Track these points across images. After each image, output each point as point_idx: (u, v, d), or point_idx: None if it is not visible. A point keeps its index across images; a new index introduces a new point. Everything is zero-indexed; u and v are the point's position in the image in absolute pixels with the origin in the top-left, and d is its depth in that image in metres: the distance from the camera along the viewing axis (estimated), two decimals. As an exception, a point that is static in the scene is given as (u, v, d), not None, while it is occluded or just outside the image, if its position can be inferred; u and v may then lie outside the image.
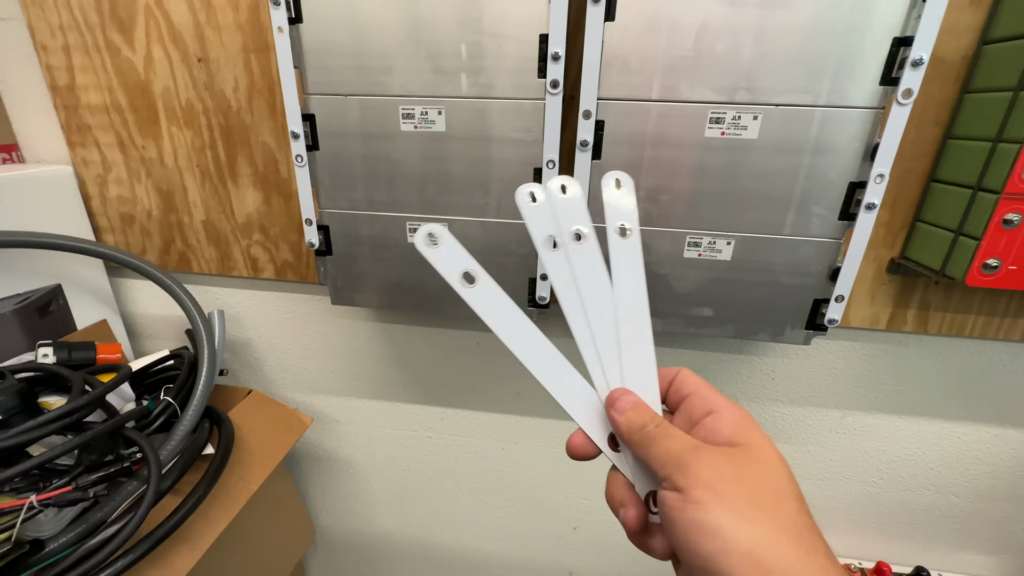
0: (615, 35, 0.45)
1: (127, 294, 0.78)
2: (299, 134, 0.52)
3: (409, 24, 0.47)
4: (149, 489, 0.50)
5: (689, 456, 0.23)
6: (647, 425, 0.25)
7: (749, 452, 0.23)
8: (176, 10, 0.59)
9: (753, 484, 0.22)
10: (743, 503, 0.21)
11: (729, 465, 0.22)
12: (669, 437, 0.24)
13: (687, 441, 0.24)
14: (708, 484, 0.22)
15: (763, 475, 0.22)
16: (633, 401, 0.27)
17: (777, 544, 0.20)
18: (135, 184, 0.69)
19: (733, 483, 0.22)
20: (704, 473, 0.22)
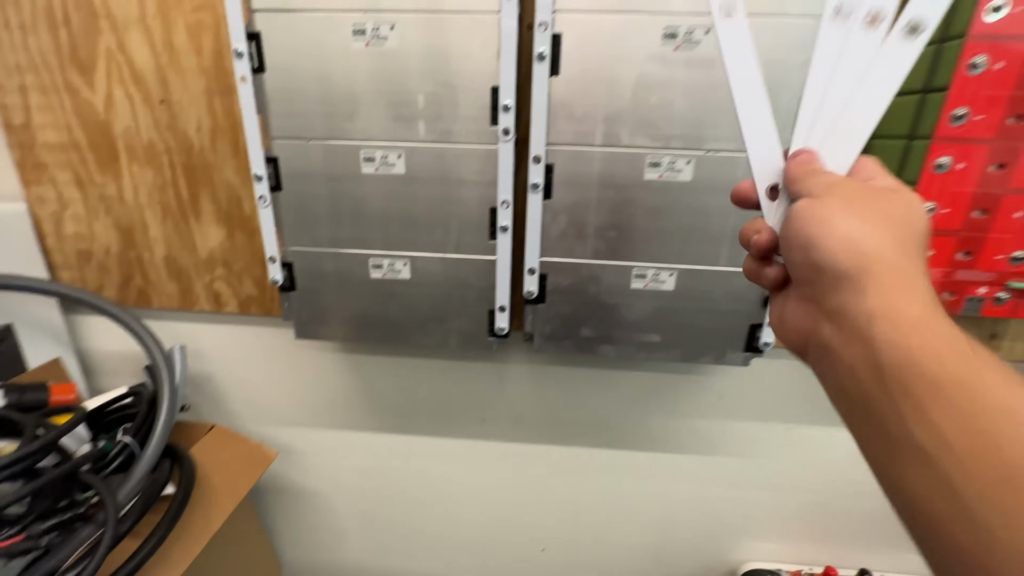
0: (560, 88, 0.49)
1: (83, 331, 0.77)
2: (262, 176, 0.53)
3: (368, 75, 0.50)
4: (106, 533, 0.49)
5: (832, 179, 0.25)
6: (815, 169, 0.26)
7: (896, 192, 0.24)
8: (138, 53, 0.60)
9: (884, 208, 0.23)
10: (866, 211, 0.23)
11: (870, 192, 0.24)
12: (822, 173, 0.26)
13: (828, 177, 0.25)
14: (843, 196, 0.23)
15: (899, 207, 0.23)
16: (812, 157, 0.27)
17: (881, 240, 0.22)
18: (93, 221, 0.68)
19: (866, 204, 0.23)
20: (842, 189, 0.24)
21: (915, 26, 0.25)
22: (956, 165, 0.48)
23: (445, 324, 0.60)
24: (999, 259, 0.51)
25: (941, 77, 0.47)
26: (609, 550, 0.86)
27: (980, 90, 0.46)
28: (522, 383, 0.75)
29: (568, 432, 0.78)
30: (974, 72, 0.45)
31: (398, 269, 0.57)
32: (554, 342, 0.59)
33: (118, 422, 0.67)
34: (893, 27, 0.26)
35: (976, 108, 0.46)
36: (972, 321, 0.64)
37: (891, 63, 0.26)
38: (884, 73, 0.26)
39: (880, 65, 0.26)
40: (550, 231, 0.54)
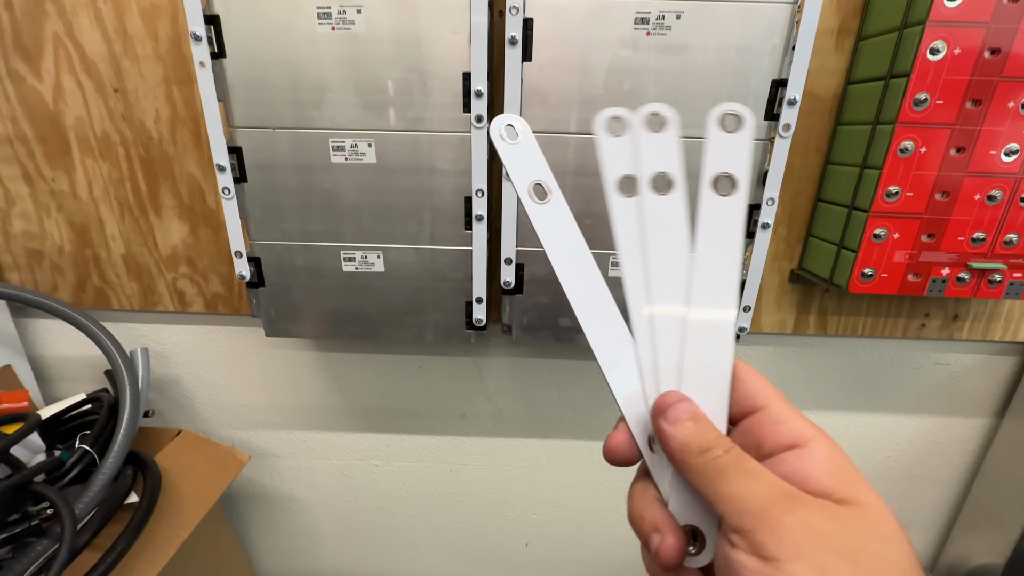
0: (533, 74, 0.48)
1: (35, 335, 0.73)
2: (225, 167, 0.51)
3: (335, 61, 0.48)
4: (62, 547, 0.47)
5: (781, 510, 0.17)
6: (712, 449, 0.19)
7: (862, 516, 0.17)
8: (88, 39, 0.57)
9: (874, 566, 0.16)
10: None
11: (838, 534, 0.16)
12: (749, 474, 0.18)
13: (776, 486, 0.17)
14: (812, 560, 0.16)
15: (887, 553, 0.16)
16: (691, 411, 0.20)
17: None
18: (44, 218, 0.64)
19: (847, 563, 0.16)
20: (804, 542, 0.16)
21: (727, 180, 0.21)
22: (919, 149, 0.49)
23: (421, 317, 0.58)
24: (960, 240, 0.52)
25: (903, 63, 0.48)
26: (591, 542, 0.86)
27: (940, 76, 0.47)
28: (501, 377, 0.74)
29: (548, 425, 0.77)
30: (934, 58, 0.46)
31: (371, 262, 0.56)
32: (532, 333, 0.59)
33: (75, 431, 0.63)
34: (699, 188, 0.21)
35: (936, 93, 0.48)
36: (936, 302, 0.66)
37: (716, 221, 0.21)
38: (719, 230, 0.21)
39: (705, 230, 0.21)
40: (526, 220, 0.53)
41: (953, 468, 0.80)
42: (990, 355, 0.72)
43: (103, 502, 0.55)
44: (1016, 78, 0.46)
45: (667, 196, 0.22)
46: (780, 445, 0.19)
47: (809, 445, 0.18)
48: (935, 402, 0.75)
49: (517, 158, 0.22)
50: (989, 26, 0.45)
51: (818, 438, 0.19)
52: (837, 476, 0.18)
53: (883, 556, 0.16)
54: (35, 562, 0.47)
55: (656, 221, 0.22)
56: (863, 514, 0.17)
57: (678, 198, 0.21)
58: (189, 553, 0.62)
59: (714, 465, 0.18)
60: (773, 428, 0.19)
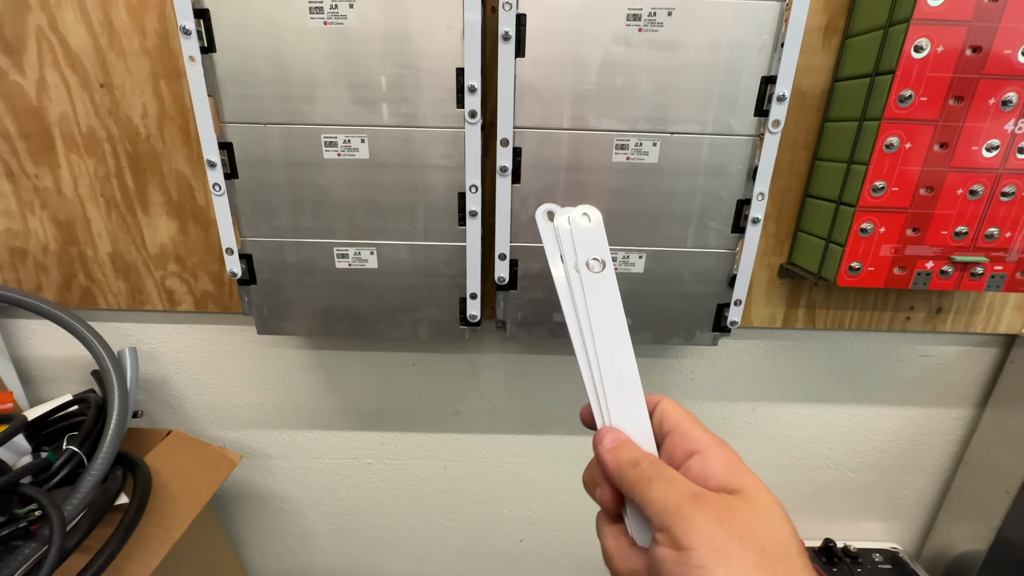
0: (526, 70, 0.48)
1: (19, 336, 0.71)
2: (216, 163, 0.51)
3: (327, 56, 0.48)
4: (51, 549, 0.46)
5: (689, 506, 0.21)
6: (640, 462, 0.24)
7: (749, 500, 0.21)
8: (73, 33, 0.56)
9: (759, 541, 0.20)
10: (750, 566, 0.19)
11: (732, 519, 0.20)
12: (666, 480, 0.22)
13: (685, 487, 0.22)
14: (712, 543, 0.20)
15: (768, 528, 0.21)
16: (621, 438, 0.26)
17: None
18: (27, 216, 0.63)
19: (738, 542, 0.20)
20: (706, 529, 0.20)
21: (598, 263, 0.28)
22: (904, 145, 0.50)
23: (415, 314, 0.58)
24: (944, 234, 0.54)
25: (888, 60, 0.49)
26: (586, 537, 0.87)
27: (924, 73, 0.48)
28: (495, 373, 0.74)
29: (543, 421, 0.78)
30: (918, 55, 0.47)
31: (364, 258, 0.55)
32: (526, 328, 0.59)
33: (62, 432, 0.62)
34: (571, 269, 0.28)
35: (920, 90, 0.49)
36: (920, 295, 0.68)
37: (598, 293, 0.27)
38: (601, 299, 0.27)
39: (592, 301, 0.27)
40: (520, 215, 0.54)
41: (937, 458, 0.82)
42: (972, 347, 0.73)
43: (92, 504, 0.54)
44: (996, 75, 0.48)
45: (602, 275, 0.28)
46: (687, 453, 0.24)
47: (706, 450, 0.24)
48: (920, 394, 0.77)
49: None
50: (971, 24, 0.46)
51: (712, 444, 0.24)
52: (728, 471, 0.23)
53: (763, 531, 0.21)
54: (23, 565, 0.46)
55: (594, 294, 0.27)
56: (748, 500, 0.22)
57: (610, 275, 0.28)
58: (180, 555, 0.61)
59: (641, 475, 0.23)
60: (681, 440, 0.25)
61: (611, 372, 0.27)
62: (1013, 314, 0.69)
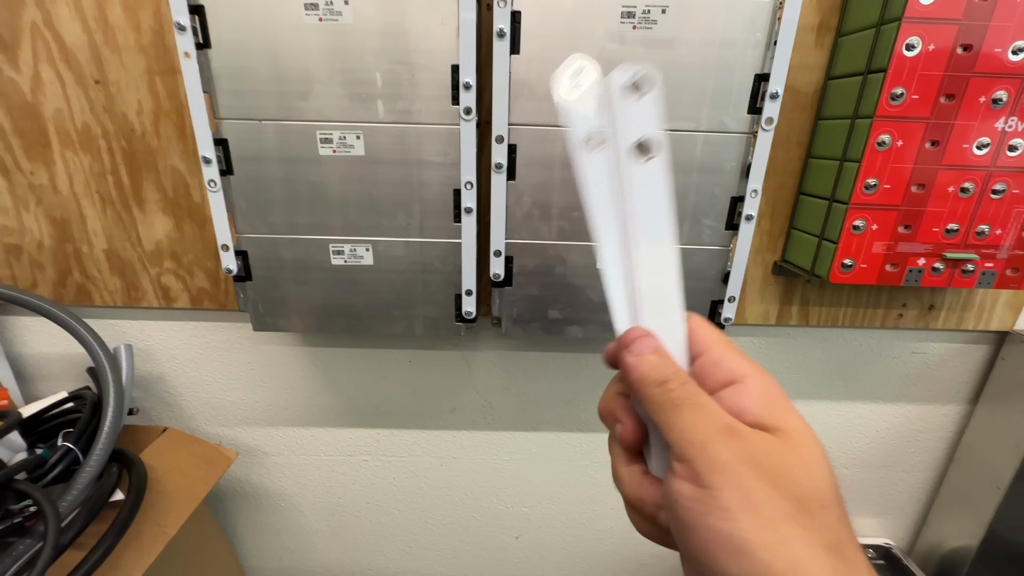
0: (521, 67, 0.49)
1: (14, 333, 0.71)
2: (211, 159, 0.51)
3: (322, 52, 0.48)
4: (46, 545, 0.46)
5: (719, 442, 0.18)
6: (669, 381, 0.20)
7: (790, 442, 0.19)
8: (68, 30, 0.56)
9: (795, 490, 0.18)
10: (781, 516, 0.17)
11: (767, 460, 0.18)
12: (698, 408, 0.19)
13: (719, 419, 0.19)
14: (740, 485, 0.17)
15: (805, 476, 0.18)
16: (653, 346, 0.21)
17: (818, 569, 0.17)
18: (22, 212, 0.63)
19: (771, 488, 0.17)
20: (736, 468, 0.18)
21: (643, 147, 0.22)
22: (896, 142, 0.51)
23: (411, 311, 0.58)
24: (935, 231, 0.54)
25: (880, 58, 0.49)
26: (582, 534, 0.87)
27: (915, 71, 0.48)
28: (491, 370, 0.74)
29: (538, 417, 0.78)
30: (910, 53, 0.48)
31: (360, 255, 0.56)
32: (522, 325, 0.59)
33: (57, 429, 0.62)
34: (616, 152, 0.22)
35: (912, 88, 0.49)
36: (913, 292, 0.68)
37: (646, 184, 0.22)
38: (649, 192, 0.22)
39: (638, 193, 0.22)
40: (515, 212, 0.54)
41: (929, 454, 0.82)
42: (964, 344, 0.74)
43: (87, 500, 0.54)
44: (987, 74, 0.48)
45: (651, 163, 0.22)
46: (719, 383, 0.20)
47: (744, 381, 0.20)
48: (912, 390, 0.77)
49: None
50: (961, 23, 0.47)
51: (751, 374, 0.20)
52: (768, 407, 0.19)
53: (801, 479, 0.18)
54: (18, 560, 0.46)
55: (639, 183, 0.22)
56: (788, 441, 0.19)
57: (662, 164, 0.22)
58: (175, 552, 0.61)
59: (669, 398, 0.20)
60: (713, 368, 0.21)
61: (649, 278, 0.22)
62: (1004, 311, 0.69)
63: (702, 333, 0.22)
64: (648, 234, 0.22)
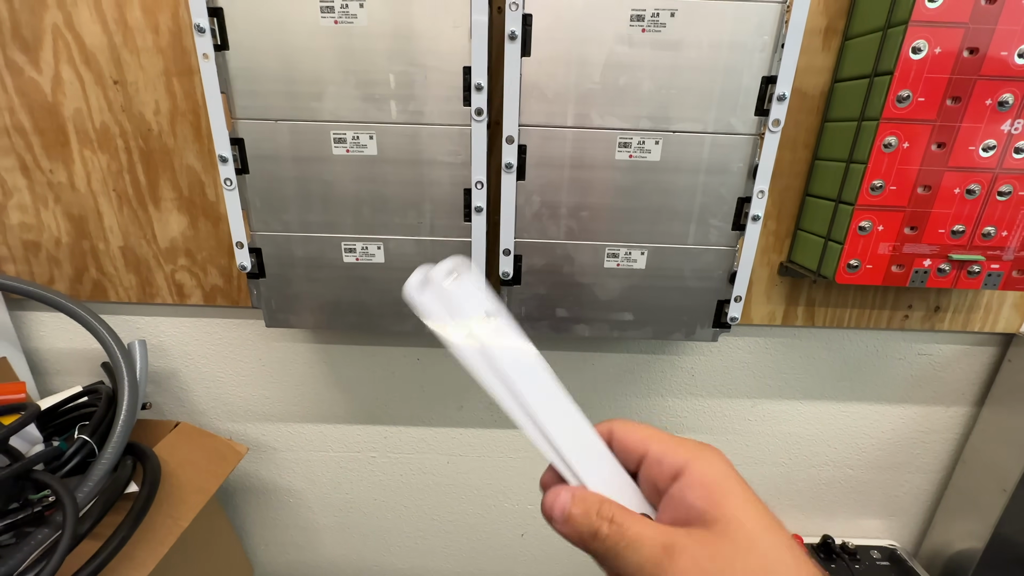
0: (531, 68, 0.50)
1: (31, 328, 0.72)
2: (227, 158, 0.52)
3: (337, 54, 0.49)
4: (64, 534, 0.47)
5: (663, 566, 0.19)
6: (598, 531, 0.21)
7: (728, 535, 0.19)
8: (89, 31, 0.57)
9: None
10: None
11: (710, 562, 0.19)
12: (631, 547, 0.20)
13: (655, 545, 0.20)
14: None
15: (748, 562, 0.19)
16: (567, 500, 0.22)
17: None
18: (41, 210, 0.64)
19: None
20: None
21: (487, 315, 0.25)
22: (902, 144, 0.51)
23: (420, 308, 0.59)
24: (941, 233, 0.55)
25: (886, 61, 0.50)
26: (587, 532, 0.88)
27: (922, 74, 0.49)
28: (498, 368, 0.75)
29: (545, 416, 0.78)
30: (916, 57, 0.48)
31: (372, 253, 0.56)
32: (530, 323, 0.60)
33: (72, 423, 0.63)
34: None
35: (918, 91, 0.50)
36: (919, 293, 0.69)
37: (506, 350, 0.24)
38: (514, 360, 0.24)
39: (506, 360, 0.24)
40: (524, 212, 0.55)
41: (935, 456, 0.82)
42: (970, 346, 0.74)
43: (103, 491, 0.55)
44: (993, 77, 0.49)
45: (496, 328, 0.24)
46: (666, 478, 0.21)
47: (686, 471, 0.21)
48: (918, 392, 0.77)
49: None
50: (968, 26, 0.47)
51: (691, 461, 0.21)
52: (708, 497, 0.20)
53: (746, 567, 0.19)
54: (37, 549, 0.47)
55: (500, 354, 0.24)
56: (727, 533, 0.19)
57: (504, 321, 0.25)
58: (187, 544, 0.62)
59: (606, 548, 0.21)
60: (658, 467, 0.22)
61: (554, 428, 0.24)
62: (1011, 313, 0.70)
63: (637, 435, 0.23)
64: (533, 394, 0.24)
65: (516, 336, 0.25)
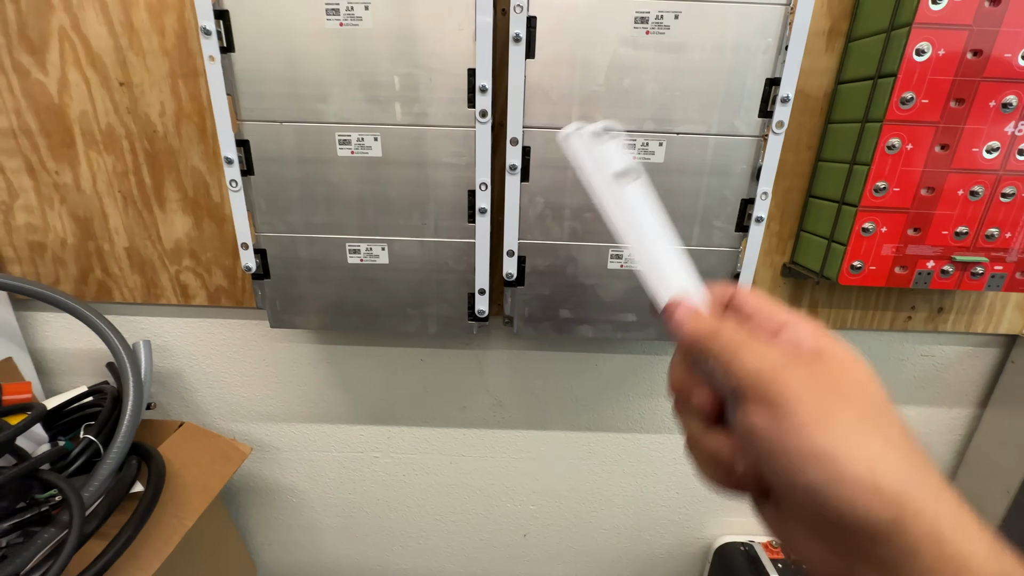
0: (535, 70, 0.50)
1: (36, 329, 0.73)
2: (233, 159, 0.52)
3: (342, 56, 0.49)
4: (71, 533, 0.47)
5: (784, 370, 0.20)
6: (719, 331, 0.23)
7: (844, 363, 0.21)
8: (95, 33, 0.57)
9: (855, 399, 0.20)
10: (851, 422, 0.19)
11: (828, 380, 0.20)
12: (753, 348, 0.21)
13: (775, 353, 0.21)
14: (810, 403, 0.19)
15: (861, 388, 0.20)
16: (693, 307, 0.25)
17: (893, 465, 0.19)
18: (47, 211, 0.65)
19: (835, 400, 0.20)
20: (804, 390, 0.20)
21: (623, 174, 0.29)
22: (906, 146, 0.51)
23: (424, 309, 0.59)
24: (945, 234, 0.55)
25: (890, 63, 0.50)
26: (589, 533, 0.88)
27: (925, 76, 0.49)
28: (501, 368, 0.75)
29: (548, 416, 0.79)
30: (920, 58, 0.48)
31: (376, 254, 0.57)
32: (533, 324, 0.60)
33: (78, 423, 0.64)
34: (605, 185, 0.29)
35: (922, 93, 0.50)
36: (922, 295, 0.69)
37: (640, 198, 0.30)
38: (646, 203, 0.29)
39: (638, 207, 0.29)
40: (528, 213, 0.55)
41: (938, 457, 0.82)
42: (973, 347, 0.74)
43: (109, 491, 0.55)
44: (997, 78, 0.49)
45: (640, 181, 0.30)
46: (774, 329, 0.23)
47: (795, 323, 0.23)
48: (921, 393, 0.77)
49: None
50: (971, 28, 0.47)
51: (800, 318, 0.23)
52: (820, 337, 0.22)
53: (861, 392, 0.20)
54: (44, 548, 0.47)
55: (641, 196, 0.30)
56: (843, 363, 0.21)
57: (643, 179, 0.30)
58: (191, 544, 0.63)
59: (725, 346, 0.22)
60: (767, 320, 0.24)
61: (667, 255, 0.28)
62: (1014, 314, 0.70)
63: (750, 298, 0.25)
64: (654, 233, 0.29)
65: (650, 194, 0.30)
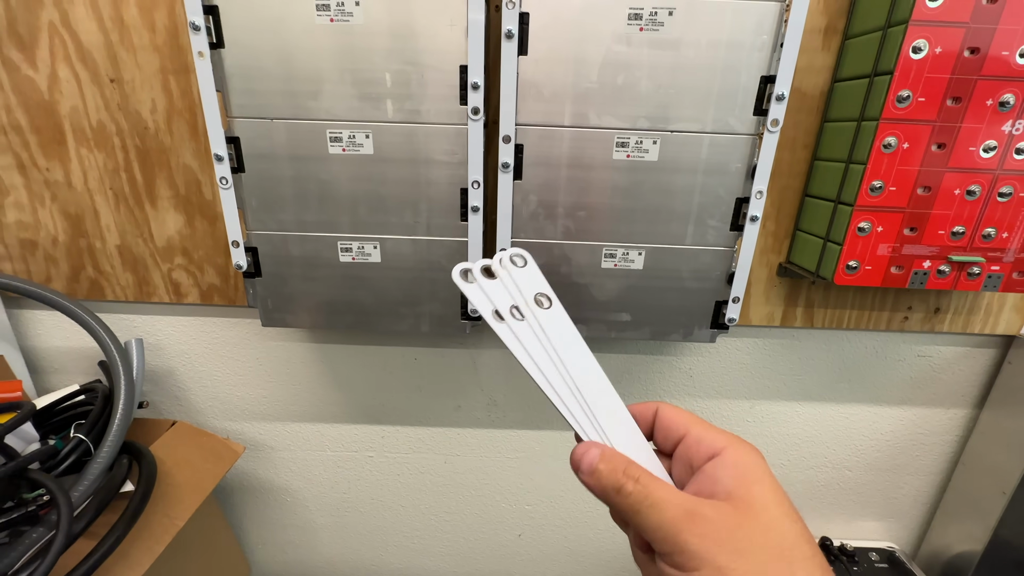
0: (528, 67, 0.49)
1: (27, 327, 0.72)
2: (223, 156, 0.52)
3: (333, 52, 0.49)
4: (58, 533, 0.47)
5: (685, 531, 0.21)
6: (623, 487, 0.23)
7: (749, 511, 0.21)
8: (85, 29, 0.57)
9: (759, 555, 0.20)
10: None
11: (729, 533, 0.20)
12: (654, 506, 0.22)
13: (678, 508, 0.21)
14: (712, 564, 0.20)
15: (763, 540, 0.20)
16: (597, 457, 0.24)
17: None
18: (38, 208, 0.64)
19: (736, 557, 0.20)
20: (705, 550, 0.20)
21: (545, 299, 0.28)
22: (902, 145, 0.51)
23: (417, 308, 0.59)
24: (941, 234, 0.54)
25: (887, 61, 0.49)
26: (584, 533, 0.88)
27: (922, 74, 0.48)
28: (496, 368, 0.75)
29: (542, 415, 0.78)
30: (917, 56, 0.48)
31: (368, 252, 0.56)
32: (527, 323, 0.59)
33: (69, 421, 0.63)
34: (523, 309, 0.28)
35: (919, 91, 0.49)
36: (919, 295, 0.68)
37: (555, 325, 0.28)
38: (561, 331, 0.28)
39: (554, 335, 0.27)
40: (521, 211, 0.54)
41: (934, 458, 0.82)
42: (970, 348, 0.74)
43: (98, 490, 0.55)
44: (994, 77, 0.48)
45: (550, 309, 0.28)
46: (702, 459, 0.23)
47: (722, 454, 0.23)
48: (917, 394, 0.77)
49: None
50: (968, 26, 0.47)
51: (729, 446, 0.23)
52: (739, 477, 0.22)
53: (765, 543, 0.20)
54: (32, 548, 0.47)
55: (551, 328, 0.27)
56: (750, 511, 0.21)
57: (558, 308, 0.28)
58: (183, 543, 0.62)
59: (629, 504, 0.22)
60: (696, 448, 0.24)
61: (591, 395, 0.27)
62: (1011, 315, 0.69)
63: (681, 417, 0.25)
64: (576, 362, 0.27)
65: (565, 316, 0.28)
